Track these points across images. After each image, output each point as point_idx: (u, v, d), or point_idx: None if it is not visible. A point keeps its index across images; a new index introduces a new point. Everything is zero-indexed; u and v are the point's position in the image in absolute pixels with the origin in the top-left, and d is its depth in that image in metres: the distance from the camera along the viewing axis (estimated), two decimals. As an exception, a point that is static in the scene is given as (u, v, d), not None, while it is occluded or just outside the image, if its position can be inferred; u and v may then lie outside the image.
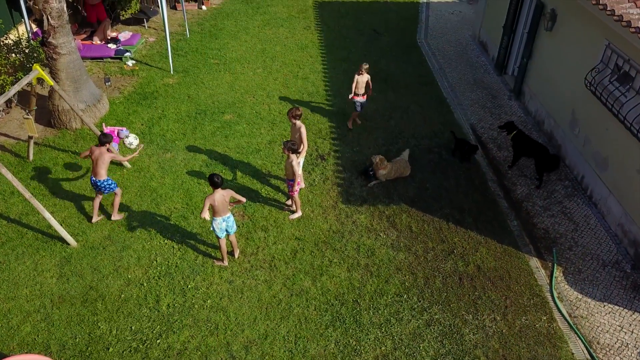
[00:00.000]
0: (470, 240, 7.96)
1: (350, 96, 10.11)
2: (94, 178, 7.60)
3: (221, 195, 6.68)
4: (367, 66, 9.99)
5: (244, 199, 6.88)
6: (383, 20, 15.41)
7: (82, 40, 13.04)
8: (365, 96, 10.21)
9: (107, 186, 7.71)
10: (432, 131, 10.51)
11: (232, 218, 6.97)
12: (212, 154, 9.58)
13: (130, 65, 12.46)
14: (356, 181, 9.05)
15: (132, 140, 9.64)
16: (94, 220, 7.97)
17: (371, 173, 9.02)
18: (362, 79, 9.99)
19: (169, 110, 10.78)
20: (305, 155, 9.51)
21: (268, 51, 13.43)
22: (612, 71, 8.22)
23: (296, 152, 7.53)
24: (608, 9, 7.44)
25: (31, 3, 8.97)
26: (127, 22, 14.55)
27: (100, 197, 7.92)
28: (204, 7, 15.78)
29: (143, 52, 13.17)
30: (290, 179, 7.73)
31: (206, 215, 6.67)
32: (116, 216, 8.05)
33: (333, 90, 11.74)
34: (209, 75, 12.19)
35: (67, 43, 9.41)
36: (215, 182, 6.56)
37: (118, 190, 7.94)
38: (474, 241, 7.95)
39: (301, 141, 8.05)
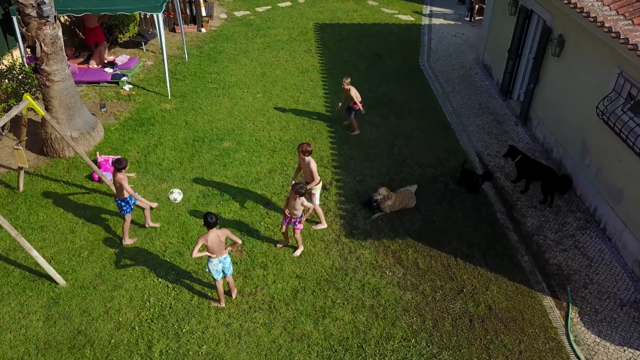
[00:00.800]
0: (480, 278, 7.57)
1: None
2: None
3: (216, 236, 6.31)
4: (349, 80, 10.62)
5: (240, 241, 6.50)
6: (385, 43, 15.19)
7: (78, 64, 12.78)
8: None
9: (118, 205, 7.58)
10: (437, 159, 10.18)
11: (229, 259, 6.60)
12: (209, 183, 9.23)
13: (127, 89, 12.18)
14: (359, 213, 8.69)
15: (177, 195, 8.78)
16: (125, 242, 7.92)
17: (375, 205, 8.66)
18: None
19: (165, 138, 10.46)
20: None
21: (268, 75, 13.18)
22: (625, 100, 7.92)
23: (304, 194, 7.19)
24: (621, 37, 7.16)
25: (24, 30, 8.67)
26: (125, 45, 14.32)
27: (126, 217, 7.72)
28: (203, 30, 15.57)
29: (140, 76, 12.91)
30: (297, 218, 7.37)
31: (197, 255, 6.29)
32: (127, 241, 7.80)
33: (334, 117, 11.44)
34: (207, 100, 11.90)
35: (60, 70, 9.12)
36: (209, 222, 6.20)
37: (127, 217, 7.65)
38: (484, 279, 7.57)
39: (312, 176, 7.82)
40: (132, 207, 7.69)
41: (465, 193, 9.27)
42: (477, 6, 16.32)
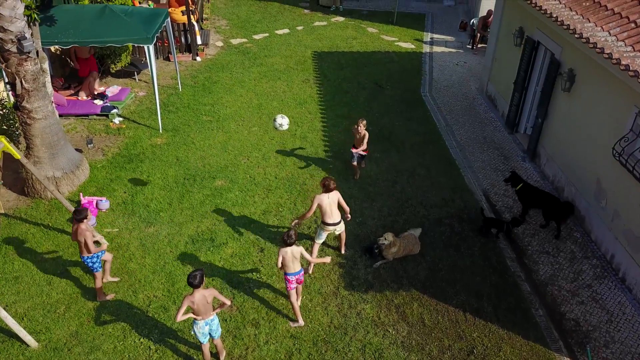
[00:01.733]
0: (492, 336, 6.94)
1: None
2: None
3: (202, 296, 5.72)
4: (365, 122, 9.83)
5: (229, 302, 5.90)
6: (385, 72, 14.76)
7: (67, 95, 12.30)
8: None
9: (89, 263, 6.92)
10: (442, 199, 9.62)
11: (216, 320, 5.99)
12: (199, 227, 8.65)
13: (117, 123, 11.68)
14: (360, 261, 8.09)
15: (281, 120, 8.98)
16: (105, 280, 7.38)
17: (377, 251, 8.07)
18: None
19: (155, 176, 9.91)
20: (304, 228, 8.65)
21: (264, 107, 12.69)
22: (644, 142, 7.40)
23: (290, 244, 6.46)
24: (641, 77, 6.67)
25: (3, 66, 8.18)
26: (117, 75, 13.86)
27: (97, 275, 7.10)
28: (198, 59, 15.15)
29: (131, 108, 12.42)
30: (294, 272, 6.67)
31: (182, 318, 5.69)
32: (103, 298, 7.24)
33: (333, 152, 10.92)
34: (200, 134, 11.39)
35: (43, 107, 8.62)
36: (192, 284, 5.62)
37: (97, 274, 7.05)
38: (495, 337, 6.93)
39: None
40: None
41: (472, 237, 8.69)
42: (479, 34, 15.94)
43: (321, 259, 6.98)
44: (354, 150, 9.79)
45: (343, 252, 8.18)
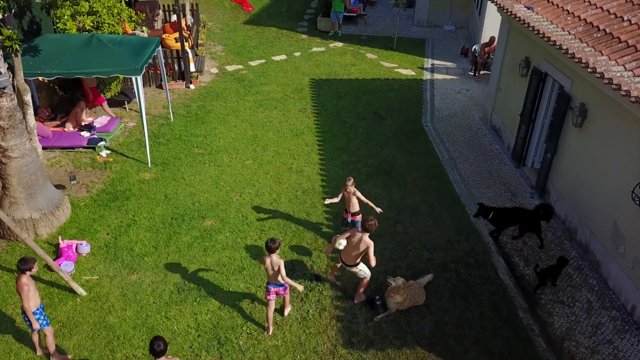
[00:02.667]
0: (506, 403, 6.27)
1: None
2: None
3: (172, 367, 5.11)
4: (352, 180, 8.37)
5: None
6: (384, 100, 14.27)
7: (53, 127, 11.76)
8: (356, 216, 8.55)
9: (26, 321, 6.19)
10: (447, 240, 9.01)
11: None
12: (186, 274, 8.02)
13: (104, 156, 11.12)
14: (360, 313, 7.44)
15: (342, 241, 7.44)
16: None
17: (379, 302, 7.43)
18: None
19: (141, 215, 9.31)
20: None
21: (259, 138, 12.15)
22: (667, 186, 6.82)
23: (272, 250, 6.51)
24: (665, 118, 6.12)
25: (-24, 103, 7.65)
26: (107, 104, 13.32)
27: (35, 333, 6.40)
28: (192, 86, 14.67)
29: (120, 139, 11.87)
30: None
31: None
32: (57, 358, 6.48)
33: (331, 187, 10.34)
34: (191, 168, 10.82)
35: (20, 145, 8.06)
36: (155, 351, 5.07)
37: (48, 330, 6.34)
38: (510, 404, 6.27)
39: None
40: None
41: (480, 284, 8.06)
42: (481, 61, 15.51)
43: (294, 283, 6.77)
44: (347, 216, 8.56)
45: (356, 302, 7.59)
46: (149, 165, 10.81)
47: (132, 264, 8.18)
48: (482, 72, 15.80)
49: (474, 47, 16.20)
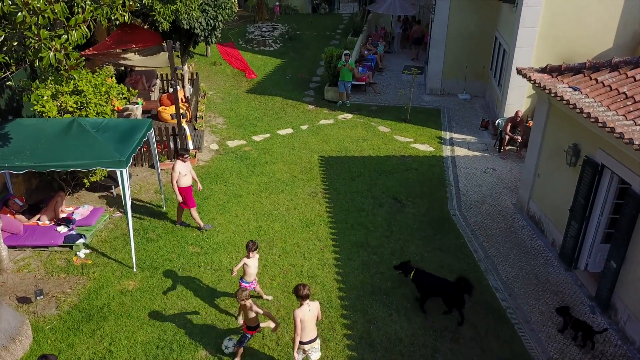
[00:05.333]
0: None
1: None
2: None
3: None
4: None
5: None
6: (403, 182, 12.77)
7: (28, 221, 10.17)
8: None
9: None
10: (500, 378, 7.22)
11: None
12: None
13: (82, 257, 9.47)
14: None
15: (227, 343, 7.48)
16: None
17: None
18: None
19: (119, 343, 7.54)
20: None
21: (264, 231, 10.54)
22: None
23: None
24: None
25: None
26: (93, 188, 11.81)
27: None
28: (189, 166, 13.19)
29: (103, 234, 10.26)
30: None
31: None
32: None
33: (350, 299, 8.64)
34: (184, 272, 9.15)
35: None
36: None
37: None
38: None
39: None
40: None
41: None
42: (507, 137, 14.15)
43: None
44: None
45: None
46: (134, 269, 9.14)
47: (102, 421, 6.36)
48: (507, 148, 14.42)
49: (497, 122, 14.91)
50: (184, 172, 9.99)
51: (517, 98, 14.64)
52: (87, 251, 9.65)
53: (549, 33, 13.70)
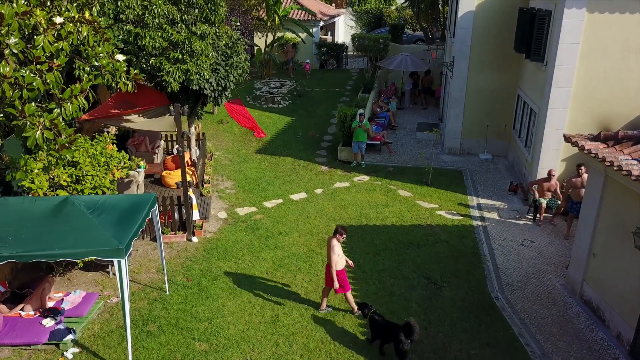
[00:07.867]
0: None
1: None
2: None
3: None
4: None
5: None
6: (434, 257, 11.44)
7: (9, 312, 8.79)
8: None
9: None
10: None
11: None
12: None
13: (70, 358, 8.03)
14: None
15: None
16: None
17: None
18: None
19: None
20: None
21: (282, 322, 9.13)
22: None
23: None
24: None
25: None
26: (86, 267, 10.49)
27: None
28: (194, 239, 11.91)
29: (96, 325, 8.86)
30: None
31: None
32: None
33: (391, 416, 7.15)
34: (189, 380, 7.70)
35: None
36: None
37: None
38: None
39: None
40: None
41: None
42: (544, 206, 12.93)
43: None
44: None
45: None
46: (131, 376, 7.69)
47: None
48: (544, 215, 13.17)
49: (531, 188, 13.71)
50: (339, 252, 9.04)
51: (551, 161, 13.52)
52: (76, 350, 8.23)
53: (584, 94, 12.75)
